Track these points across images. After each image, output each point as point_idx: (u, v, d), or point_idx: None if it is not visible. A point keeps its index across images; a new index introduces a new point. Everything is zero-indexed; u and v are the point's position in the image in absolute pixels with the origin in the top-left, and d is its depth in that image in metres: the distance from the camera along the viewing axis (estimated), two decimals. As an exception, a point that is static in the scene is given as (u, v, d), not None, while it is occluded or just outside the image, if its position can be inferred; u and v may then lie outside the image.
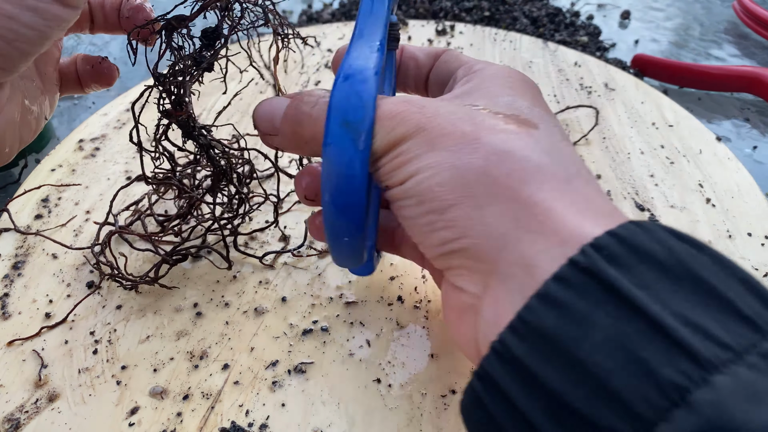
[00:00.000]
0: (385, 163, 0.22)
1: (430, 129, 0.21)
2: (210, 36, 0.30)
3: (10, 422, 0.29)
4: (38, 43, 0.23)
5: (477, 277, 0.21)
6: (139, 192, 0.43)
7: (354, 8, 0.77)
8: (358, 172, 0.22)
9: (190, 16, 0.29)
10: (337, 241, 0.24)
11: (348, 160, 0.22)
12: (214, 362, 0.32)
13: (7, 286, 0.36)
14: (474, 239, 0.20)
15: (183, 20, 0.29)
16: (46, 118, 0.30)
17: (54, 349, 0.32)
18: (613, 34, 0.75)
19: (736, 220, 0.42)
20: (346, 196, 0.22)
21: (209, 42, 0.30)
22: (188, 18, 0.29)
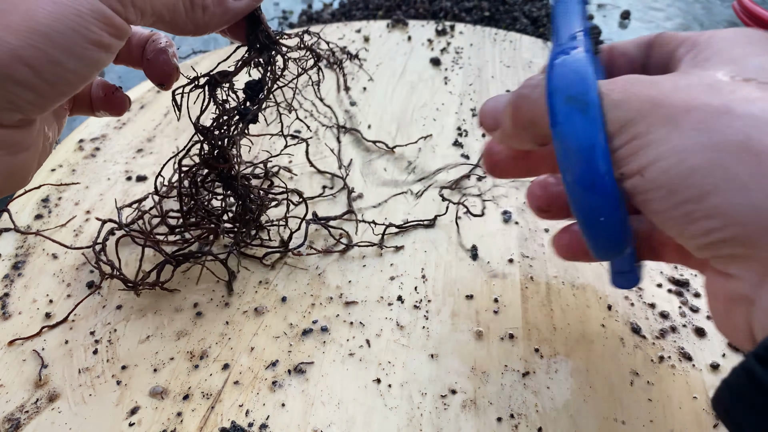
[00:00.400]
0: (619, 146, 0.20)
1: (669, 105, 0.19)
2: (254, 88, 0.30)
3: (11, 422, 0.29)
4: (77, 85, 0.23)
5: (754, 264, 0.18)
6: (140, 191, 0.43)
7: (354, 8, 0.77)
8: (597, 140, 0.20)
9: (233, 71, 0.30)
10: (594, 225, 0.22)
11: (582, 131, 0.20)
12: (214, 362, 0.32)
13: (8, 286, 0.36)
14: (745, 226, 0.18)
15: (226, 75, 0.30)
16: (56, 141, 0.31)
17: (54, 349, 0.32)
18: (613, 34, 0.75)
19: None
20: (589, 168, 0.20)
21: (253, 94, 0.30)
22: (231, 74, 0.30)
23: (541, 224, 0.42)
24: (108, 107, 0.32)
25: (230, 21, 0.27)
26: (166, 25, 0.26)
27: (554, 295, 0.36)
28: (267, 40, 0.30)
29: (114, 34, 0.23)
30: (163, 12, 0.25)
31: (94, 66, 0.23)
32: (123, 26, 0.23)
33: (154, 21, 0.25)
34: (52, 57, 0.21)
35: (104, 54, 0.23)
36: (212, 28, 0.27)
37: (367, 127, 0.51)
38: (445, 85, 0.58)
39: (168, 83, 0.31)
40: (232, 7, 0.27)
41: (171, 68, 0.30)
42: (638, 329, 0.34)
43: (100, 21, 0.22)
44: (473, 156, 0.48)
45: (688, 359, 0.33)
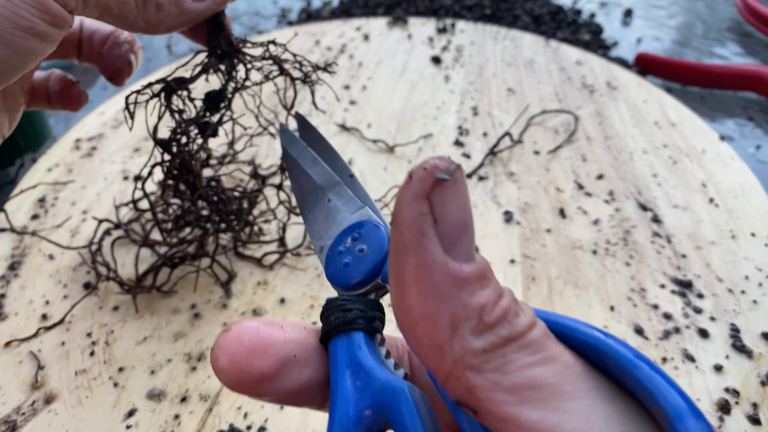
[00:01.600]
0: None
1: None
2: (214, 99, 0.28)
3: (7, 424, 0.28)
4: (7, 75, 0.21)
5: None
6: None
7: (354, 6, 0.77)
8: None
9: (190, 78, 0.28)
10: None
11: None
12: (212, 364, 0.31)
13: (4, 287, 0.35)
14: None
15: (182, 83, 0.27)
16: (3, 136, 0.28)
17: (51, 351, 0.32)
18: (615, 32, 0.74)
19: (739, 220, 0.42)
20: None
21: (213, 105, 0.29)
22: (188, 80, 0.27)
23: (543, 224, 0.41)
24: (64, 102, 0.31)
25: (187, 23, 0.25)
26: (115, 18, 0.24)
27: (556, 296, 0.36)
28: (229, 47, 0.27)
29: (50, 22, 0.21)
30: (110, 4, 0.23)
31: (26, 55, 0.21)
32: (60, 13, 0.21)
33: (101, 13, 0.23)
34: None
35: (38, 42, 0.21)
36: (167, 28, 0.25)
37: (367, 126, 0.51)
38: (445, 84, 0.58)
39: (118, 78, 0.29)
40: (189, 9, 0.25)
41: (122, 63, 0.28)
42: (641, 330, 0.34)
43: (33, 6, 0.20)
44: (474, 155, 0.48)
45: (691, 360, 0.32)
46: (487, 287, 0.13)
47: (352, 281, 0.17)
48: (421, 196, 0.13)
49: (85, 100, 0.31)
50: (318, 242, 0.19)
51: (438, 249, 0.12)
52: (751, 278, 0.37)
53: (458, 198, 0.13)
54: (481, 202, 0.43)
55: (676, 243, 0.40)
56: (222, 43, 0.27)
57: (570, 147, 0.49)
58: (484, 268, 0.13)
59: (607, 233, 0.41)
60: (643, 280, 0.37)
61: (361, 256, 0.17)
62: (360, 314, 0.16)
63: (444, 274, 0.12)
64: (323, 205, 0.20)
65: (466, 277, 0.13)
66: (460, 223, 0.13)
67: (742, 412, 0.30)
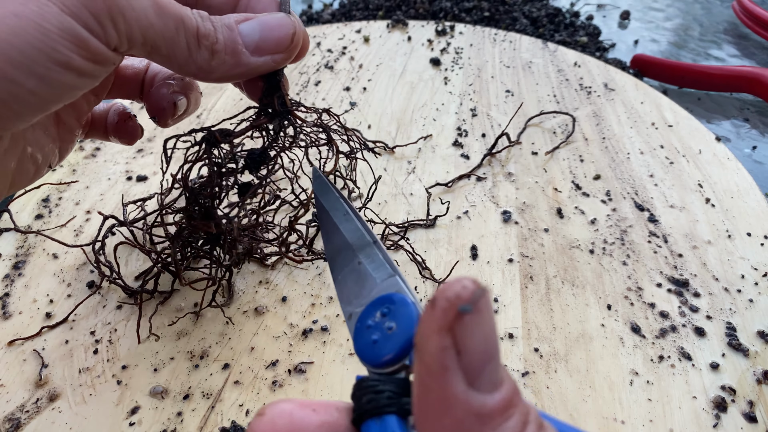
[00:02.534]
0: None
1: None
2: (257, 160, 0.27)
3: (11, 422, 0.29)
4: (42, 107, 0.20)
5: None
6: (140, 191, 0.43)
7: (354, 8, 0.77)
8: None
9: (236, 132, 0.26)
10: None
11: None
12: (214, 362, 0.32)
13: (8, 286, 0.36)
14: None
15: (228, 135, 0.26)
16: (50, 166, 0.28)
17: (54, 349, 0.32)
18: (612, 34, 0.75)
19: (735, 220, 0.42)
20: None
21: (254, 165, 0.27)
22: (234, 134, 0.26)
23: (541, 224, 0.42)
24: (119, 135, 0.30)
25: (242, 76, 0.24)
26: (164, 59, 0.22)
27: (554, 295, 0.36)
28: (282, 108, 0.26)
29: (89, 59, 0.20)
30: (158, 43, 0.21)
31: (63, 89, 0.20)
32: (100, 50, 0.20)
33: (149, 52, 0.22)
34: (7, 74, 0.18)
35: (75, 77, 0.20)
36: (219, 76, 0.23)
37: (367, 127, 0.51)
38: (444, 85, 0.58)
39: (161, 118, 0.28)
40: (246, 61, 0.23)
41: (166, 102, 0.27)
42: (638, 329, 0.34)
43: (71, 42, 0.19)
44: (473, 156, 0.48)
45: (687, 359, 0.33)
46: (512, 416, 0.13)
47: (381, 360, 0.16)
48: (444, 329, 0.12)
49: (140, 134, 0.31)
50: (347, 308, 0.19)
51: (460, 384, 0.12)
52: (747, 277, 0.38)
53: (483, 328, 0.13)
54: (479, 202, 0.44)
55: (673, 242, 0.40)
56: (276, 103, 0.26)
57: (568, 148, 0.50)
58: (510, 395, 0.13)
59: (604, 233, 0.41)
60: (640, 279, 0.37)
61: (390, 334, 0.17)
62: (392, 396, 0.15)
63: (466, 411, 0.12)
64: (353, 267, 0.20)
65: (489, 412, 0.12)
66: (484, 354, 0.13)
67: (738, 410, 0.30)
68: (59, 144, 0.27)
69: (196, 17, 0.22)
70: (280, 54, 0.24)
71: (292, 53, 0.25)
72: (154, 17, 0.21)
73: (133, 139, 0.31)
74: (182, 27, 0.22)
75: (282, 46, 0.24)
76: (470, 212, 0.43)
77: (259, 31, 0.24)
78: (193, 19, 0.22)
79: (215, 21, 0.23)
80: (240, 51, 0.23)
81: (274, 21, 0.24)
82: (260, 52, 0.24)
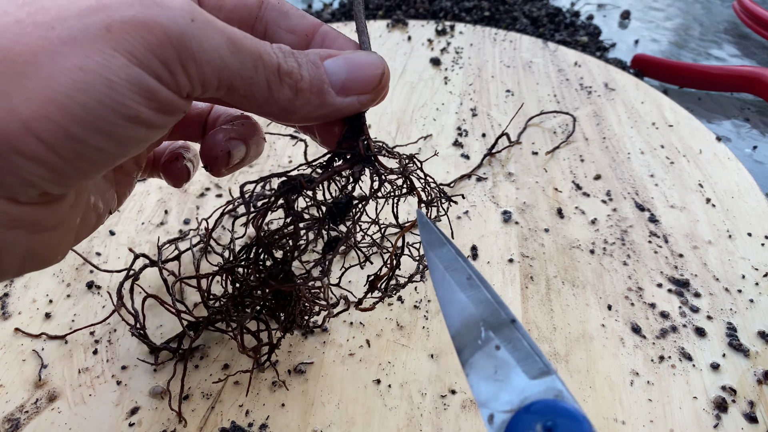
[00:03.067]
0: None
1: None
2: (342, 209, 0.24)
3: (11, 422, 0.29)
4: (108, 163, 0.19)
5: None
6: (140, 191, 0.43)
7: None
8: None
9: (319, 179, 0.23)
10: None
11: None
12: (214, 362, 0.32)
13: (7, 286, 0.36)
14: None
15: (311, 182, 0.23)
16: (111, 211, 0.26)
17: (54, 349, 0.32)
18: (613, 34, 0.75)
19: (736, 220, 0.42)
20: None
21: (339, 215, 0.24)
22: (317, 181, 0.23)
23: (541, 224, 0.42)
24: (166, 173, 0.28)
25: (326, 118, 0.22)
26: (242, 101, 0.20)
27: (554, 295, 0.36)
28: (367, 152, 0.24)
29: (159, 110, 0.18)
30: (235, 84, 0.19)
31: (130, 143, 0.19)
32: (171, 100, 0.19)
33: (225, 94, 0.20)
34: (71, 133, 0.17)
35: (144, 131, 0.18)
36: (302, 117, 0.21)
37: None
38: (445, 85, 0.58)
39: (213, 167, 0.25)
40: (332, 102, 0.21)
41: (219, 151, 0.25)
42: (638, 329, 0.34)
43: (139, 94, 0.18)
44: (473, 156, 0.48)
45: (688, 359, 0.33)
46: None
47: None
48: None
49: (186, 177, 0.28)
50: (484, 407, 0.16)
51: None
52: (748, 277, 0.38)
53: None
54: (480, 202, 0.43)
55: (673, 243, 0.40)
56: (361, 147, 0.24)
57: (568, 148, 0.50)
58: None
59: (604, 233, 0.41)
60: (641, 280, 0.37)
61: None
62: None
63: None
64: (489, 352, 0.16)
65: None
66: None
67: (739, 411, 0.30)
68: (117, 188, 0.26)
69: (277, 53, 0.20)
70: (368, 95, 0.22)
71: (380, 94, 0.23)
72: (229, 56, 0.19)
73: (179, 181, 0.28)
74: (261, 64, 0.20)
75: (370, 86, 0.22)
76: (470, 212, 0.42)
77: (347, 70, 0.22)
78: (273, 54, 0.20)
79: (299, 57, 0.21)
80: (326, 90, 0.21)
81: (361, 59, 0.22)
82: (347, 92, 0.22)
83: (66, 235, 0.21)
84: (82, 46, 0.17)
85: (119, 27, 0.17)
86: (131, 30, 0.17)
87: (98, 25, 0.17)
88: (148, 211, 0.42)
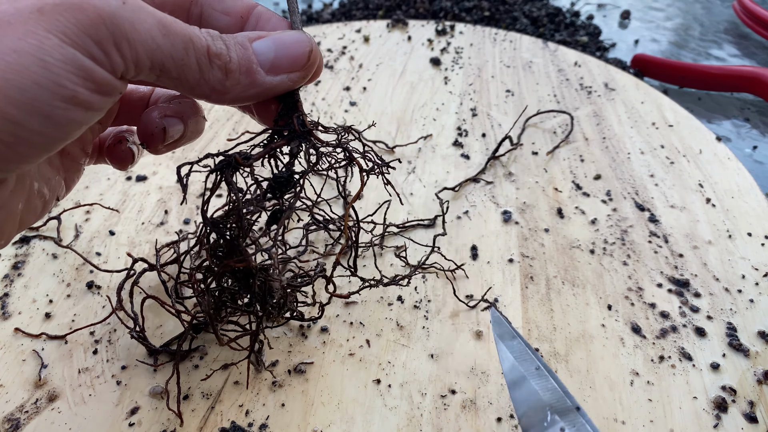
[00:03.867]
0: None
1: None
2: (283, 184, 0.25)
3: (10, 422, 0.29)
4: (48, 147, 0.19)
5: None
6: (139, 191, 0.43)
7: (354, 8, 0.77)
8: None
9: (256, 156, 0.24)
10: None
11: None
12: (214, 362, 0.32)
13: (8, 286, 0.36)
14: None
15: (248, 159, 0.24)
16: (58, 198, 0.26)
17: (54, 349, 0.32)
18: (613, 34, 0.75)
19: (736, 220, 0.42)
20: None
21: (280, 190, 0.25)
22: (254, 159, 0.24)
23: (541, 224, 0.42)
24: (110, 157, 0.28)
25: (257, 97, 0.23)
26: (175, 83, 0.21)
27: (554, 295, 0.36)
28: (302, 128, 0.25)
29: (95, 90, 0.19)
30: (167, 65, 0.20)
31: (70, 126, 0.19)
32: (106, 80, 0.19)
33: (158, 76, 0.20)
34: (9, 116, 0.17)
35: (82, 112, 0.19)
36: (233, 98, 0.22)
37: (367, 127, 0.51)
38: (445, 85, 0.58)
39: (150, 145, 0.25)
40: (262, 81, 0.22)
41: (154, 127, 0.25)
42: (638, 329, 0.34)
43: (75, 74, 0.18)
44: (473, 156, 0.48)
45: (688, 359, 0.33)
46: None
47: None
48: None
49: (131, 160, 0.28)
50: None
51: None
52: (748, 277, 0.38)
53: None
54: (480, 202, 0.43)
55: (673, 242, 0.40)
56: (296, 123, 0.25)
57: (568, 148, 0.50)
58: None
59: (604, 233, 0.41)
60: (641, 279, 0.37)
61: None
62: None
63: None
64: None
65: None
66: None
67: (739, 411, 0.30)
68: (64, 174, 0.26)
69: (206, 36, 0.21)
70: (297, 72, 0.23)
71: (309, 71, 0.24)
72: (161, 38, 0.20)
73: (123, 163, 0.28)
74: (191, 47, 0.20)
75: (299, 64, 0.23)
76: (470, 212, 0.42)
77: (275, 49, 0.23)
78: (202, 38, 0.21)
79: (227, 39, 0.22)
80: (255, 70, 0.22)
81: (289, 38, 0.23)
82: (276, 71, 0.23)
83: (7, 221, 0.22)
84: (14, 29, 0.17)
85: (51, 9, 0.17)
86: (64, 11, 0.18)
87: (30, 8, 0.17)
88: (148, 211, 0.42)
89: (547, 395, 0.19)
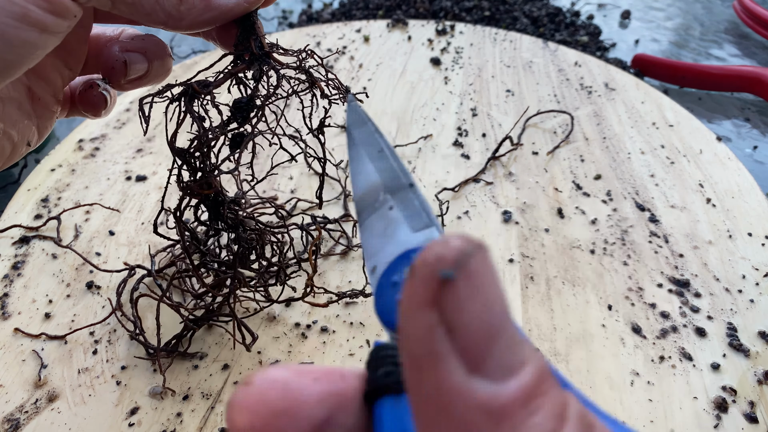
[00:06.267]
0: None
1: None
2: (244, 108, 0.26)
3: (10, 422, 0.29)
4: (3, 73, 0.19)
5: None
6: (139, 191, 0.43)
7: (354, 8, 0.77)
8: None
9: (214, 82, 0.25)
10: None
11: None
12: (214, 362, 0.32)
13: (7, 287, 0.36)
14: None
15: (206, 86, 0.25)
16: (29, 144, 0.26)
17: (54, 350, 0.32)
18: (613, 33, 0.75)
19: (736, 220, 0.42)
20: None
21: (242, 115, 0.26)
22: (212, 85, 0.25)
23: (541, 224, 0.42)
24: (83, 104, 0.28)
25: (214, 21, 0.23)
26: (130, 9, 0.21)
27: (554, 295, 0.36)
28: (260, 51, 0.25)
29: (49, 10, 0.19)
30: None
31: (22, 48, 0.19)
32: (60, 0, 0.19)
33: (114, 3, 0.20)
34: None
35: (37, 34, 0.19)
36: (190, 23, 0.22)
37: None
38: (445, 85, 0.58)
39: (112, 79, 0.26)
40: (217, 4, 0.22)
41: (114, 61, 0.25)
42: (639, 329, 0.34)
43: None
44: (473, 156, 0.48)
45: (688, 359, 0.33)
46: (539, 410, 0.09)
47: None
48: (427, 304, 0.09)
49: (104, 105, 0.28)
50: (370, 260, 0.16)
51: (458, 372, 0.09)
52: (748, 277, 0.38)
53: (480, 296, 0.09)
54: (480, 202, 0.43)
55: (674, 243, 0.40)
56: (253, 46, 0.25)
57: (568, 147, 0.50)
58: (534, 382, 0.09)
59: (604, 233, 0.41)
60: (641, 280, 0.37)
61: None
62: None
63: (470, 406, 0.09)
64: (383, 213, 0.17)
65: (502, 406, 0.09)
66: (486, 330, 0.09)
67: (739, 411, 0.30)
68: (37, 121, 0.26)
69: None
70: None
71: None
72: None
73: (96, 109, 0.28)
74: None
75: None
76: (470, 212, 0.42)
77: None
78: None
79: None
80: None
81: None
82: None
83: None
84: None
85: None
86: None
87: None
88: (148, 211, 0.42)
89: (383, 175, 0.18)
